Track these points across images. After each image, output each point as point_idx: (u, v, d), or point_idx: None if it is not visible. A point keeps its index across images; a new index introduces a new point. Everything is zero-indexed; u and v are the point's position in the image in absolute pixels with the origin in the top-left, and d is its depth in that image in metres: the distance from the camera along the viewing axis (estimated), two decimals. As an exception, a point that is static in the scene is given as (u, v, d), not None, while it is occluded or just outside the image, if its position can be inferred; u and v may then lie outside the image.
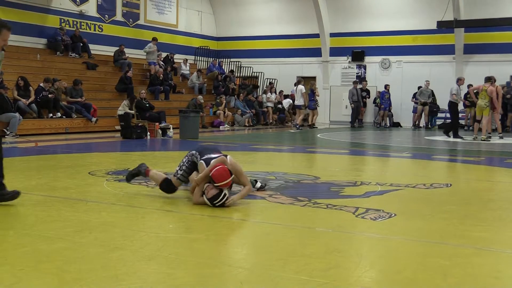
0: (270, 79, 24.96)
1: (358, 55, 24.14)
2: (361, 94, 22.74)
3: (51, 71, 17.27)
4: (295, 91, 20.65)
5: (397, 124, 23.16)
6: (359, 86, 22.78)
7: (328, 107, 24.59)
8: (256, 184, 6.03)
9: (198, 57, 25.55)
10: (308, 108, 20.83)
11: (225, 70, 24.72)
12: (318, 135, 16.83)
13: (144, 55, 21.43)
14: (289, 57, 25.22)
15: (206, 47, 25.60)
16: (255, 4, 25.96)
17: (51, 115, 15.00)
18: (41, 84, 14.98)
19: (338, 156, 11.11)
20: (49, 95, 14.92)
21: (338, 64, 24.69)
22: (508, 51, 21.35)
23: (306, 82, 21.43)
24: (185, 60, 23.45)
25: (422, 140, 16.02)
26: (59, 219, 4.58)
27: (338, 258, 3.60)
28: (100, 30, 21.20)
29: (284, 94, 24.07)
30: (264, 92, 23.71)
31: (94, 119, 15.86)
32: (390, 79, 23.33)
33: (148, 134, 14.37)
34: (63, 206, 5.11)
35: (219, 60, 24.97)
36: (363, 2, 23.95)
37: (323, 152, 11.99)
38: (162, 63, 21.32)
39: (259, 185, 6.05)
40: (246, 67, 25.66)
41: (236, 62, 25.71)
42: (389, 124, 23.19)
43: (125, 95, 17.41)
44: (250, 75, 25.49)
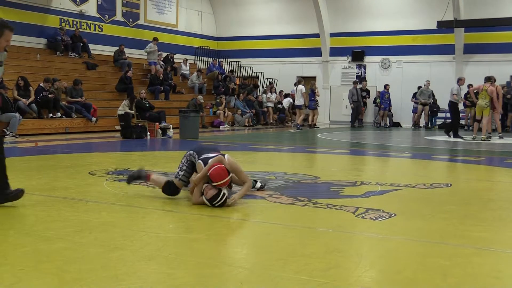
0: (270, 79, 24.95)
1: (358, 55, 24.15)
2: (361, 94, 22.74)
3: (51, 71, 17.26)
4: (295, 91, 20.66)
5: (397, 124, 23.16)
6: (359, 86, 22.78)
7: (328, 107, 24.58)
8: (256, 185, 6.03)
9: (198, 57, 25.56)
10: (308, 108, 20.83)
11: (225, 70, 24.72)
12: (318, 135, 16.83)
13: (144, 55, 21.43)
14: (289, 57, 25.22)
15: (206, 47, 25.60)
16: (255, 4, 25.96)
17: (51, 115, 15.01)
18: (41, 84, 14.98)
19: (338, 156, 11.11)
20: (49, 95, 14.92)
21: (338, 64, 24.69)
22: (508, 51, 21.36)
23: (307, 82, 21.43)
24: (185, 60, 23.45)
25: (422, 140, 16.02)
26: (59, 219, 4.58)
27: (338, 258, 3.60)
28: (100, 30, 21.20)
29: (285, 93, 24.07)
30: (264, 92, 23.70)
31: (94, 119, 15.86)
32: (390, 79, 23.33)
33: (148, 134, 14.38)
34: (63, 206, 5.11)
35: (219, 60, 24.97)
36: (363, 2, 23.94)
37: (323, 152, 11.98)
38: (162, 63, 21.33)
39: (259, 185, 6.05)
40: (246, 67, 25.66)
41: (236, 62, 25.71)
42: (389, 124, 23.19)
43: (125, 95, 17.40)
44: (250, 75, 25.49)
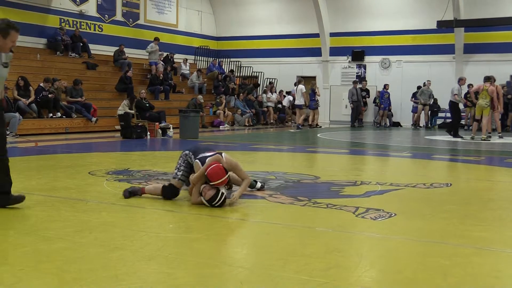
0: (270, 78, 24.95)
1: (358, 55, 24.14)
2: (361, 93, 22.72)
3: (51, 71, 17.25)
4: (295, 91, 20.65)
5: (397, 124, 23.15)
6: (359, 86, 22.77)
7: (328, 106, 24.57)
8: (256, 185, 6.02)
9: (198, 56, 25.55)
10: (309, 108, 20.84)
11: (225, 70, 24.71)
12: (318, 135, 16.82)
13: (143, 55, 21.43)
14: (289, 56, 25.21)
15: (206, 47, 25.59)
16: (255, 4, 25.95)
17: (51, 115, 15.00)
18: (41, 84, 14.98)
19: (338, 156, 11.11)
20: (49, 95, 14.92)
21: (338, 64, 24.68)
22: (508, 51, 21.34)
23: (307, 82, 21.41)
24: (185, 60, 23.44)
25: (422, 139, 16.02)
26: (59, 219, 4.58)
27: (338, 257, 3.60)
28: (100, 30, 21.20)
29: (286, 91, 24.03)
30: (264, 92, 23.69)
31: (94, 119, 15.85)
32: (390, 79, 23.31)
33: (148, 134, 14.37)
34: (63, 206, 5.11)
35: (219, 60, 24.96)
36: (363, 2, 23.93)
37: (323, 152, 11.98)
38: (162, 63, 21.32)
39: (259, 185, 6.05)
40: (246, 67, 25.65)
41: (236, 62, 25.70)
42: (389, 123, 23.18)
43: (125, 95, 17.40)
44: (250, 74, 25.48)
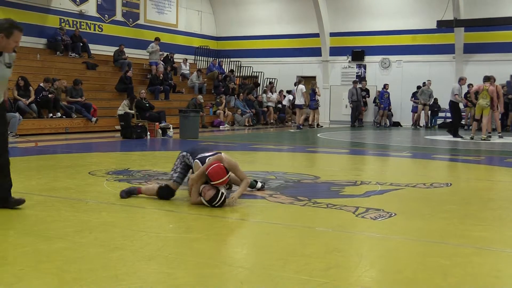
0: (270, 78, 24.95)
1: (358, 55, 24.14)
2: (361, 93, 22.72)
3: (51, 71, 17.25)
4: (295, 90, 20.65)
5: (397, 124, 23.15)
6: (359, 86, 22.76)
7: (328, 106, 24.57)
8: (257, 185, 6.02)
9: (198, 56, 25.55)
10: (309, 107, 20.84)
11: (225, 70, 24.71)
12: (318, 135, 16.82)
13: (144, 55, 21.42)
14: (289, 56, 25.21)
15: (206, 47, 25.60)
16: (255, 4, 25.95)
17: (51, 115, 15.00)
18: (41, 84, 14.98)
19: (338, 156, 11.11)
20: (49, 95, 14.92)
21: (338, 64, 24.68)
22: (508, 51, 21.35)
23: (307, 82, 21.41)
24: (185, 59, 23.44)
25: (422, 139, 16.02)
26: (59, 219, 4.58)
27: (338, 257, 3.60)
28: (100, 30, 21.20)
29: (287, 90, 24.01)
30: (264, 91, 23.69)
31: (94, 119, 15.85)
32: (390, 79, 23.31)
33: (148, 134, 14.37)
34: (63, 206, 5.11)
35: (219, 59, 24.96)
36: (363, 1, 23.93)
37: (323, 152, 11.98)
38: (162, 63, 21.31)
39: (259, 185, 6.05)
40: (246, 66, 25.66)
41: (236, 61, 25.71)
42: (389, 123, 23.18)
43: (125, 95, 17.40)
44: (250, 74, 25.49)
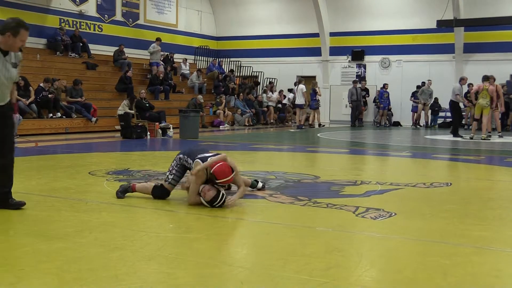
0: (270, 78, 24.95)
1: (358, 54, 24.13)
2: (361, 93, 22.71)
3: (51, 71, 17.25)
4: (295, 90, 20.65)
5: (397, 123, 23.14)
6: (358, 86, 22.75)
7: (328, 106, 24.57)
8: (258, 185, 6.02)
9: (198, 56, 25.55)
10: (310, 107, 20.85)
11: (225, 70, 24.71)
12: (318, 135, 16.82)
13: (143, 55, 21.41)
14: (289, 56, 25.21)
15: (206, 47, 25.60)
16: (255, 4, 25.95)
17: (51, 115, 15.00)
18: (41, 84, 14.98)
19: (338, 156, 11.11)
20: (49, 95, 14.92)
21: (338, 64, 24.67)
22: (507, 50, 21.34)
23: (308, 82, 21.41)
24: (184, 59, 23.44)
25: (422, 139, 16.02)
26: (59, 219, 4.58)
27: (338, 257, 3.60)
28: (99, 30, 21.19)
29: (288, 88, 23.97)
30: (264, 91, 23.69)
31: (94, 119, 15.85)
32: (390, 78, 23.31)
33: (148, 134, 14.37)
34: (63, 206, 5.11)
35: (219, 59, 24.96)
36: (363, 1, 23.93)
37: (323, 152, 11.98)
38: (162, 63, 21.31)
39: (260, 185, 6.05)
40: (246, 66, 25.66)
41: (236, 61, 25.71)
42: (389, 123, 23.17)
43: (125, 95, 17.40)
44: (250, 74, 25.49)
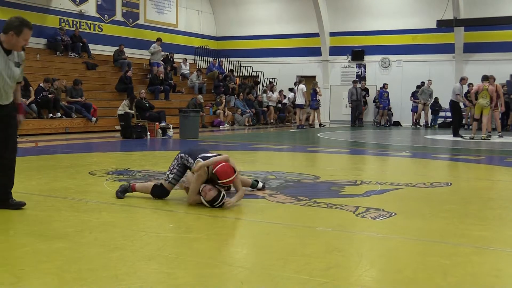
0: (270, 78, 24.96)
1: (358, 54, 24.12)
2: (361, 93, 22.71)
3: (51, 71, 17.25)
4: (296, 90, 20.64)
5: (397, 123, 23.14)
6: (358, 85, 22.74)
7: (328, 106, 24.57)
8: (258, 185, 6.02)
9: (198, 56, 25.55)
10: (310, 107, 20.85)
11: (225, 70, 24.71)
12: (318, 135, 16.82)
13: (143, 55, 21.40)
14: (289, 56, 25.20)
15: (206, 47, 25.60)
16: (255, 4, 25.94)
17: (51, 115, 15.00)
18: (41, 84, 14.97)
19: (338, 155, 11.10)
20: (49, 95, 14.92)
21: (338, 63, 24.67)
22: (507, 50, 21.33)
23: (308, 82, 21.40)
24: (184, 59, 23.44)
25: (422, 139, 16.02)
26: (59, 219, 4.58)
27: (338, 257, 3.60)
28: (99, 30, 21.19)
29: (289, 88, 23.98)
30: (264, 91, 23.69)
31: (94, 119, 15.85)
32: (390, 78, 23.30)
33: (148, 133, 14.37)
34: (63, 206, 5.11)
35: (219, 59, 24.96)
36: (363, 1, 23.92)
37: (323, 152, 11.97)
38: (162, 63, 21.31)
39: (261, 185, 6.05)
40: (246, 66, 25.66)
41: (236, 61, 25.71)
42: (389, 123, 23.16)
43: (125, 95, 17.40)
44: (250, 74, 25.49)
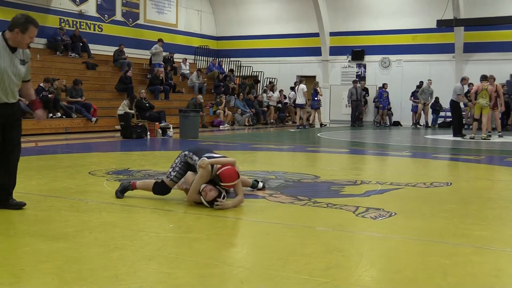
0: (270, 78, 24.95)
1: (358, 54, 24.12)
2: (361, 93, 22.71)
3: (51, 71, 17.26)
4: (296, 90, 20.64)
5: (397, 123, 23.14)
6: (358, 85, 22.74)
7: (328, 106, 24.56)
8: (258, 185, 6.02)
9: (198, 56, 25.55)
10: (311, 107, 20.86)
11: (225, 70, 24.71)
12: (318, 134, 16.82)
13: (143, 55, 21.40)
14: (289, 56, 25.20)
15: (205, 47, 25.59)
16: (255, 4, 25.94)
17: (51, 115, 14.99)
18: (41, 84, 14.97)
19: (338, 155, 11.10)
20: (49, 95, 14.91)
21: (338, 63, 24.67)
22: (507, 50, 21.34)
23: (308, 82, 21.40)
24: (184, 59, 23.44)
25: (422, 139, 16.01)
26: (59, 219, 4.58)
27: (338, 257, 3.60)
28: (99, 30, 21.19)
29: (290, 86, 23.95)
30: (264, 91, 23.69)
31: (94, 119, 15.85)
32: (390, 78, 23.30)
33: (148, 133, 14.38)
34: (63, 206, 5.11)
35: (219, 59, 24.96)
36: (363, 1, 23.92)
37: (323, 151, 11.98)
38: (162, 63, 21.30)
39: (261, 185, 6.05)
40: (246, 66, 25.66)
41: (236, 61, 25.70)
42: (389, 123, 23.16)
43: (125, 94, 17.40)
44: (250, 74, 25.49)
